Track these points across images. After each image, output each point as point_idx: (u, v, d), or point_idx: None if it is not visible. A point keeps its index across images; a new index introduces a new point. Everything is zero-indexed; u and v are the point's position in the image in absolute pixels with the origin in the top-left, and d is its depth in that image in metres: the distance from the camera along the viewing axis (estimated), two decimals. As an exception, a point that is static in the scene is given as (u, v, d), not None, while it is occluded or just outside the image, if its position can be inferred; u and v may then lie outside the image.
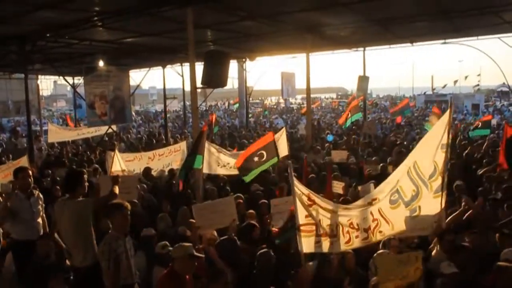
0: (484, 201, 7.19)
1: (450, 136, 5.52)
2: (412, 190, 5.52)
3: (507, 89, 36.79)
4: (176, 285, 4.63)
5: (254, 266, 5.75)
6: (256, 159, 9.44)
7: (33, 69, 20.11)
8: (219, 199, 7.64)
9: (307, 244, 5.10)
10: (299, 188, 5.15)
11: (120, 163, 10.21)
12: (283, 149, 11.54)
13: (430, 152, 5.53)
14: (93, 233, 5.49)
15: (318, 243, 5.19)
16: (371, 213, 5.46)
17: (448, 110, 5.53)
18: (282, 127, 15.64)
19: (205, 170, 10.05)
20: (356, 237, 5.38)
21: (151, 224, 7.36)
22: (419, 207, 5.55)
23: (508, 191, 7.84)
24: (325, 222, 5.25)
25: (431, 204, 5.53)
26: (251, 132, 22.30)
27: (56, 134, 18.15)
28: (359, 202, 5.77)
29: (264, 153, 9.48)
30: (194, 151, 8.71)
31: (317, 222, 5.17)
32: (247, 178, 9.51)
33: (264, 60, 23.79)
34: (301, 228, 5.06)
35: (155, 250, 6.12)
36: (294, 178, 5.11)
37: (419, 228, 5.67)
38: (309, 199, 5.17)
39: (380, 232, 5.50)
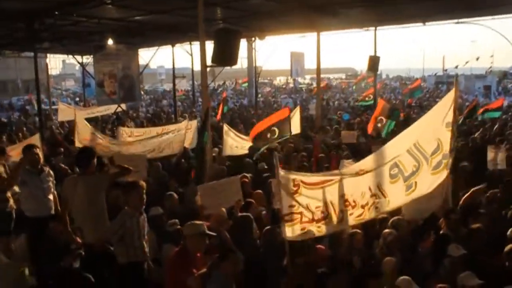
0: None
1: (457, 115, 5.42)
2: (413, 166, 5.41)
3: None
4: (188, 263, 4.68)
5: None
6: (268, 135, 9.49)
7: (42, 48, 19.99)
8: (224, 179, 7.64)
9: (291, 232, 5.04)
10: (285, 176, 5.05)
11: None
12: (296, 128, 11.55)
13: (432, 129, 5.42)
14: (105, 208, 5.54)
15: (303, 230, 5.11)
16: (370, 188, 5.35)
17: (454, 88, 5.42)
18: (296, 107, 15.60)
19: (226, 153, 10.40)
20: (350, 214, 5.28)
21: (159, 202, 7.39)
22: (415, 182, 5.41)
23: None
24: (314, 204, 5.14)
25: (428, 180, 5.40)
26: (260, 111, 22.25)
27: (66, 113, 18.19)
28: (350, 168, 5.68)
29: (276, 129, 9.50)
30: (204, 128, 8.72)
31: (303, 209, 5.06)
32: (254, 156, 9.58)
33: (273, 40, 23.52)
34: (285, 217, 4.99)
35: (165, 228, 6.17)
36: (280, 167, 5.02)
37: (421, 211, 5.62)
38: (294, 184, 5.05)
39: (376, 208, 5.42)
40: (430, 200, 5.60)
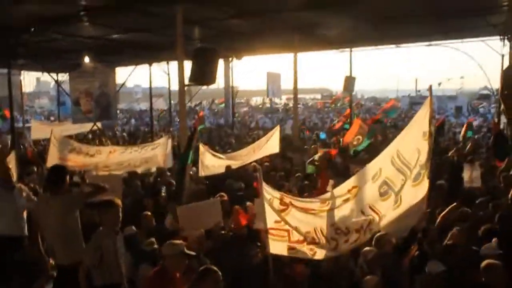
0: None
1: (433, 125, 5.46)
2: (401, 180, 5.33)
3: (489, 92, 37.38)
4: (166, 283, 4.57)
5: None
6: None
7: (17, 64, 19.69)
8: (204, 201, 7.56)
9: (277, 247, 4.96)
10: (270, 192, 5.00)
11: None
12: (275, 147, 11.55)
13: (412, 140, 5.39)
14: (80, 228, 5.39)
15: (293, 249, 5.03)
16: (362, 212, 5.29)
17: (428, 98, 5.43)
18: (273, 126, 15.70)
19: (203, 173, 10.38)
20: (345, 241, 5.18)
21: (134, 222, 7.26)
22: (401, 197, 5.34)
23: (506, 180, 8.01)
24: (305, 228, 5.05)
25: (410, 193, 5.33)
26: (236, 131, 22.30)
27: (40, 130, 17.81)
28: (339, 189, 5.54)
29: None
30: (190, 148, 8.67)
31: (291, 228, 4.98)
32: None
33: (249, 60, 23.75)
34: (270, 231, 4.90)
35: (141, 248, 6.05)
36: (263, 182, 4.97)
37: (399, 228, 5.61)
38: (282, 202, 4.98)
39: (371, 229, 5.34)
40: (407, 217, 5.56)
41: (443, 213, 6.14)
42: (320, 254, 5.15)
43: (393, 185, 5.31)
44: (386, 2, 11.76)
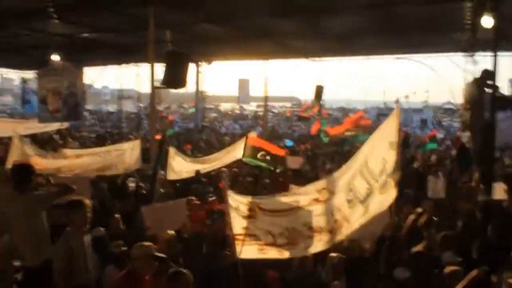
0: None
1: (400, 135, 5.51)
2: (366, 188, 5.35)
3: (452, 107, 38.66)
4: (135, 286, 4.53)
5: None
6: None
7: (-22, 60, 19.14)
8: (170, 201, 7.58)
9: (247, 251, 4.95)
10: (235, 199, 5.01)
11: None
12: (239, 153, 11.56)
13: (378, 150, 5.45)
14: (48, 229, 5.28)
15: (262, 250, 5.02)
16: (332, 213, 5.30)
17: (395, 109, 5.55)
18: (242, 133, 15.76)
19: (169, 177, 10.21)
20: (319, 241, 5.22)
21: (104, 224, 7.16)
22: (367, 206, 5.34)
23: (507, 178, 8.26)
24: (277, 230, 5.05)
25: (377, 201, 5.35)
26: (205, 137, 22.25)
27: (3, 128, 17.21)
28: (307, 188, 5.57)
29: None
30: (161, 151, 8.67)
31: (260, 232, 4.99)
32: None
33: (220, 66, 23.81)
34: (237, 237, 4.92)
35: (109, 250, 5.98)
36: (229, 189, 5.02)
37: (368, 236, 5.72)
38: (249, 208, 4.98)
39: (341, 233, 5.35)
40: (372, 224, 5.63)
41: (412, 219, 6.32)
42: (289, 254, 5.15)
43: (358, 194, 5.34)
44: (352, 16, 12.06)
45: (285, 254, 5.13)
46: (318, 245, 5.22)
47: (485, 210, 7.30)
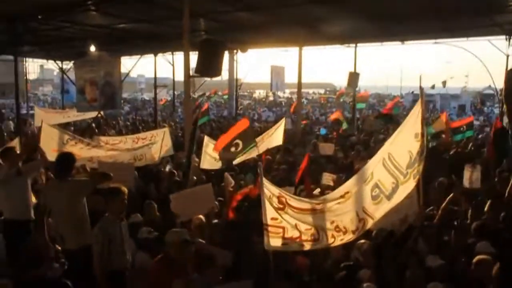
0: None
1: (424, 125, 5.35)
2: (392, 183, 5.33)
3: (492, 92, 37.30)
4: (170, 270, 4.67)
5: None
6: (233, 149, 9.41)
7: (22, 51, 19.78)
8: (196, 187, 7.66)
9: (273, 242, 4.99)
10: (269, 188, 5.05)
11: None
12: (278, 140, 11.54)
13: (404, 142, 5.39)
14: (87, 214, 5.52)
15: (285, 244, 5.07)
16: (357, 214, 5.30)
17: (420, 100, 5.44)
18: (276, 120, 15.70)
19: (203, 166, 10.14)
20: (341, 240, 5.28)
21: (140, 210, 7.38)
22: (392, 198, 5.31)
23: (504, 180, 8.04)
24: (303, 226, 5.10)
25: (400, 192, 5.32)
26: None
27: (43, 117, 17.89)
28: (334, 193, 5.55)
29: (240, 142, 9.41)
30: (193, 138, 8.73)
31: (288, 225, 5.04)
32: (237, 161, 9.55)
33: (254, 53, 23.80)
34: (267, 228, 4.96)
35: (139, 236, 6.15)
36: (264, 178, 5.03)
37: (389, 222, 5.67)
38: (279, 201, 5.03)
39: (365, 229, 5.38)
40: (395, 212, 5.55)
41: (443, 205, 6.24)
42: (310, 247, 5.21)
43: (384, 189, 5.32)
44: (388, 0, 11.80)
45: (308, 247, 5.20)
46: (341, 242, 5.28)
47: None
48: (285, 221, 5.03)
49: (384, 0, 11.92)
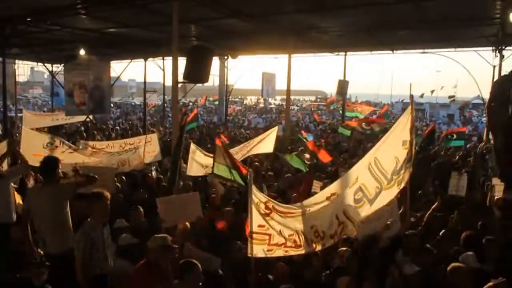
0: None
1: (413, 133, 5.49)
2: (376, 187, 5.43)
3: (481, 101, 37.65)
4: (154, 274, 4.65)
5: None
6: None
7: (11, 54, 19.67)
8: (184, 194, 7.66)
9: (256, 250, 5.10)
10: (257, 196, 5.12)
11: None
12: (269, 147, 11.53)
13: (391, 148, 5.47)
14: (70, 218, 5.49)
15: (270, 251, 5.18)
16: (337, 217, 5.38)
17: (409, 107, 5.53)
18: (265, 127, 15.68)
19: (189, 173, 10.08)
20: (323, 245, 5.39)
21: (125, 216, 7.34)
22: (374, 202, 5.43)
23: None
24: (287, 232, 5.19)
25: (382, 196, 5.44)
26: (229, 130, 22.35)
27: (31, 120, 17.77)
28: (318, 196, 5.64)
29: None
30: (178, 144, 8.69)
31: (275, 232, 5.13)
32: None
33: (245, 59, 23.86)
34: (253, 235, 5.03)
35: (119, 242, 6.13)
36: (253, 186, 5.10)
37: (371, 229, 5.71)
38: (266, 207, 5.10)
39: (344, 235, 5.51)
40: (377, 220, 5.58)
41: (427, 215, 6.30)
42: (292, 253, 5.32)
43: (367, 193, 5.40)
44: (380, 10, 11.92)
45: (291, 253, 5.31)
46: (322, 247, 5.40)
47: (504, 209, 7.17)
48: (271, 228, 5.10)
49: (373, 10, 12.04)
